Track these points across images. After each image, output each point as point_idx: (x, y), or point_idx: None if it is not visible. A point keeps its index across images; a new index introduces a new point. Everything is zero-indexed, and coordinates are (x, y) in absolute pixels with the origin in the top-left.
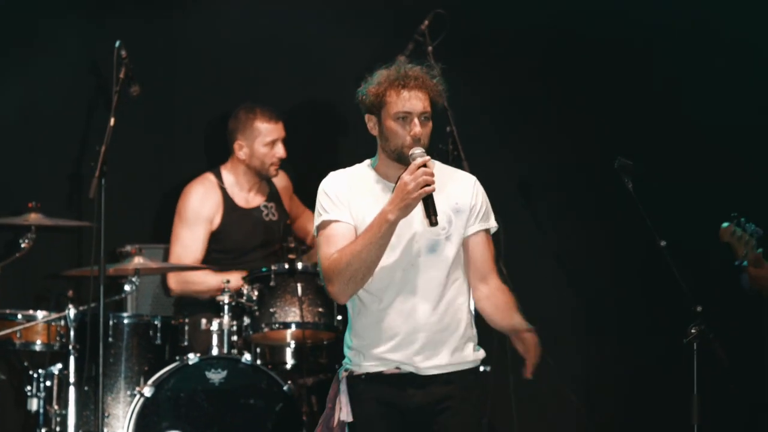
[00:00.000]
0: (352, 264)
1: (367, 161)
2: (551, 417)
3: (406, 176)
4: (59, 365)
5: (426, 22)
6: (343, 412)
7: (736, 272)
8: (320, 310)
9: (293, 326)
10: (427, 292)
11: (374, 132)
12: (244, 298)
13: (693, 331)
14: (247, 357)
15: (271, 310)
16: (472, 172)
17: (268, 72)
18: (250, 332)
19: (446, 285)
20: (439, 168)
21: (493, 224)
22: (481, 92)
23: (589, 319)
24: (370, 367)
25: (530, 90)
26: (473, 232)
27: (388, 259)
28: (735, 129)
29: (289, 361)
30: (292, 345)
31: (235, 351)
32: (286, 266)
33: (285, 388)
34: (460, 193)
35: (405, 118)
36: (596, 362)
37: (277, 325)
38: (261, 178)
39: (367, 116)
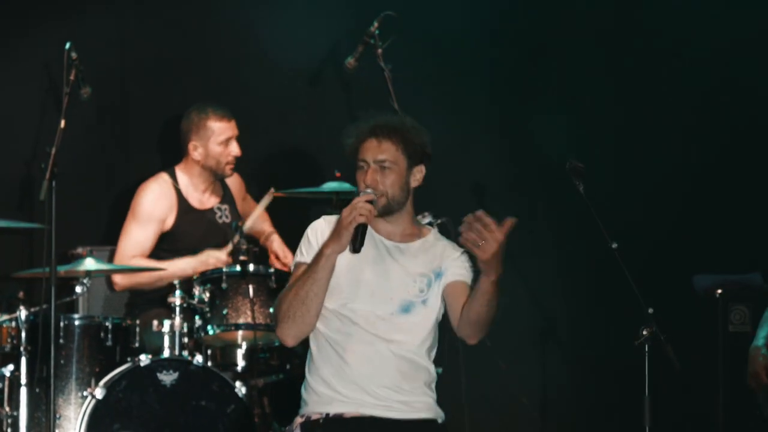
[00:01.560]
0: (291, 301)
1: None
2: (504, 420)
3: (344, 209)
4: (10, 367)
5: (376, 24)
6: None
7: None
8: (272, 311)
9: (245, 328)
10: (391, 348)
11: None
12: (196, 299)
13: (644, 333)
14: (198, 359)
15: (223, 311)
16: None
17: (220, 72)
18: (202, 333)
19: (414, 347)
20: (436, 236)
21: (470, 278)
22: (432, 94)
23: (541, 322)
24: (329, 409)
25: (482, 92)
26: (455, 279)
27: (359, 307)
28: (686, 129)
29: (241, 363)
30: (244, 346)
31: (186, 352)
32: (238, 268)
33: (236, 389)
34: (445, 257)
35: (362, 167)
36: (548, 365)
37: (228, 327)
38: (216, 178)
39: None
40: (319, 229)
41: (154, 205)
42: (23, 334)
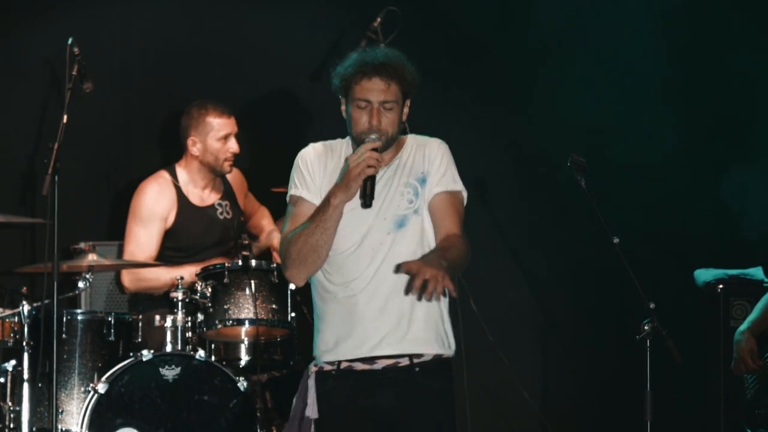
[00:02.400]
0: (300, 247)
1: (348, 138)
2: (505, 414)
3: (351, 158)
4: (13, 362)
5: (378, 19)
6: (309, 409)
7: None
8: (274, 306)
9: (247, 323)
10: (396, 271)
11: (344, 115)
12: (198, 294)
13: (646, 327)
14: (201, 353)
15: (225, 306)
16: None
17: (221, 69)
18: (204, 329)
19: (418, 256)
20: (411, 140)
21: (456, 187)
22: (435, 89)
23: (543, 316)
24: (339, 356)
25: (484, 86)
26: (432, 195)
27: (354, 239)
28: (687, 122)
29: (243, 358)
30: (246, 342)
31: (189, 347)
32: (240, 263)
33: (239, 384)
34: (424, 160)
35: (364, 106)
36: (550, 359)
37: (231, 322)
38: (215, 174)
39: (340, 98)
40: (309, 159)
41: (154, 203)
42: (26, 329)
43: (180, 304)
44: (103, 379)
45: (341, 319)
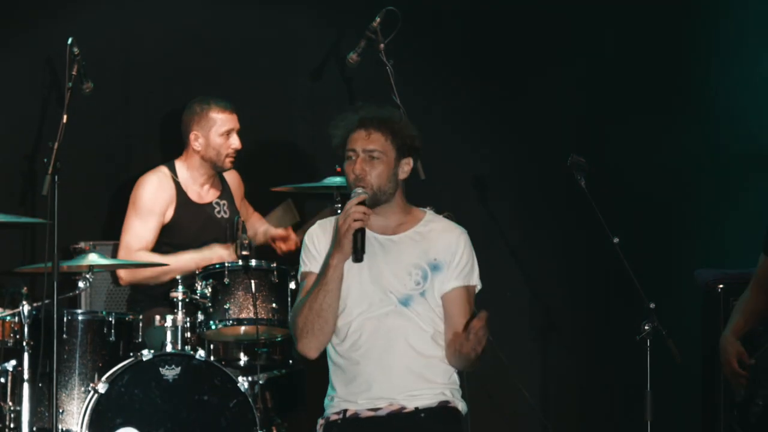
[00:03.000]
0: (306, 315)
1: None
2: (505, 414)
3: (341, 214)
4: (13, 362)
5: (378, 19)
6: None
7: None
8: (274, 306)
9: (247, 323)
10: (398, 341)
11: None
12: (198, 294)
13: (646, 327)
14: (201, 353)
15: (225, 306)
16: (425, 169)
17: (221, 67)
18: (204, 329)
19: (417, 337)
20: (429, 219)
21: (474, 282)
22: (434, 89)
23: (543, 316)
24: (345, 406)
25: (484, 86)
26: (449, 289)
27: (359, 307)
28: (687, 122)
29: (243, 358)
30: (246, 341)
31: (188, 347)
32: (240, 263)
33: (239, 384)
34: (442, 247)
35: (350, 157)
36: (550, 359)
37: (230, 322)
38: (216, 170)
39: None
40: (315, 236)
41: (153, 197)
42: (26, 329)
43: (180, 303)
44: (104, 379)
45: (347, 376)
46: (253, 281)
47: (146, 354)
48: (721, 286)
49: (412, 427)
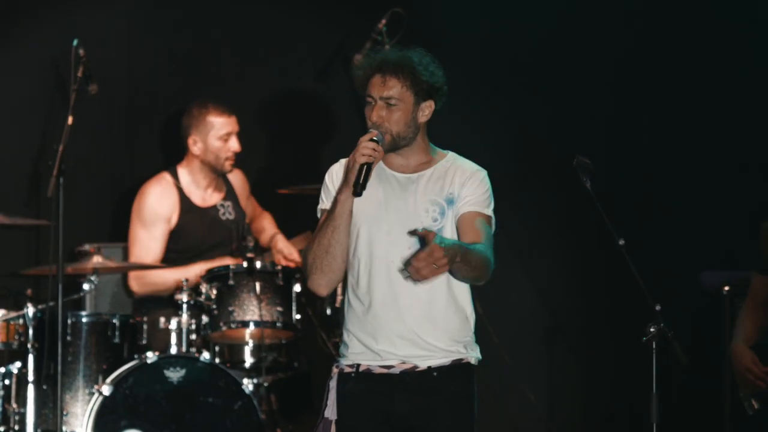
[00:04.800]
0: (315, 251)
1: None
2: (511, 417)
3: (353, 151)
4: (18, 363)
5: (384, 21)
6: (329, 410)
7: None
8: (279, 309)
9: (252, 325)
10: (415, 285)
11: None
12: (203, 296)
13: (652, 330)
14: (205, 356)
15: (230, 308)
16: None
17: (226, 71)
18: (209, 331)
19: (437, 282)
20: (451, 158)
21: (488, 212)
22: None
23: (548, 318)
24: (359, 360)
25: (489, 87)
26: (460, 213)
27: (376, 249)
28: (693, 124)
29: (248, 360)
30: (251, 344)
31: (193, 350)
32: (245, 265)
33: (243, 386)
34: (457, 182)
35: (369, 102)
36: (555, 361)
37: (235, 324)
38: (217, 174)
39: None
40: (335, 172)
41: (157, 205)
42: (30, 331)
43: (185, 305)
44: (108, 381)
45: (361, 327)
46: (257, 283)
47: (151, 356)
48: (726, 287)
49: (424, 385)
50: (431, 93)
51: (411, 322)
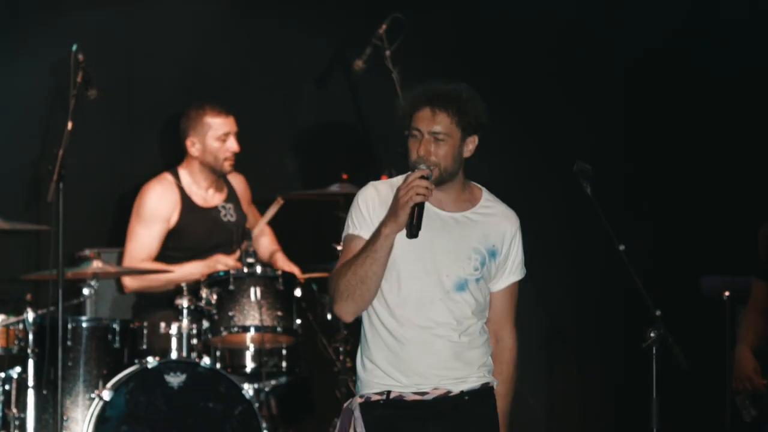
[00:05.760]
0: (350, 280)
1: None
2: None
3: (401, 186)
4: (18, 369)
5: (384, 26)
6: None
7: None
8: (279, 313)
9: (252, 330)
10: (448, 326)
11: None
12: (204, 301)
13: (652, 335)
14: (206, 360)
15: (230, 313)
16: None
17: (226, 75)
18: (209, 336)
19: (469, 321)
20: (487, 199)
21: (523, 273)
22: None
23: (548, 323)
24: (390, 387)
25: (489, 93)
26: (505, 285)
27: (413, 286)
28: (694, 130)
29: (249, 365)
30: (251, 349)
31: (194, 354)
32: (245, 270)
33: (244, 391)
34: (500, 236)
35: (416, 135)
36: (555, 365)
37: (236, 329)
38: (217, 175)
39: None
40: (370, 199)
41: (157, 204)
42: (30, 336)
43: (185, 310)
44: (108, 386)
45: (389, 360)
46: (258, 288)
47: (151, 361)
48: (727, 293)
49: (457, 409)
50: (477, 128)
51: (444, 360)
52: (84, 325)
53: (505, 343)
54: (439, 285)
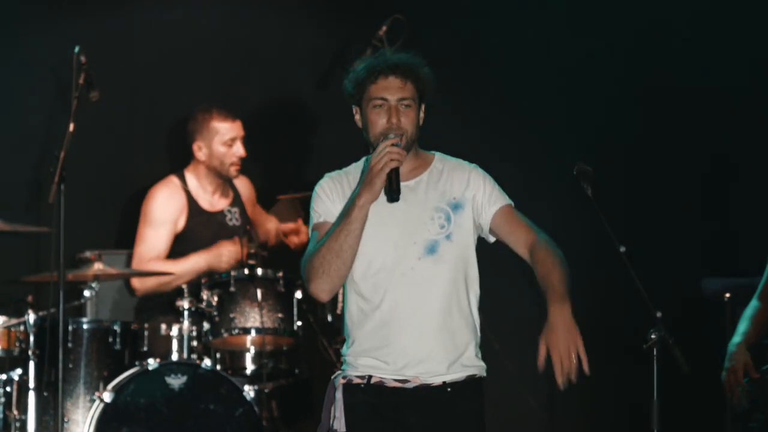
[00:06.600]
0: (324, 255)
1: (363, 159)
2: (511, 421)
3: (372, 156)
4: (19, 370)
5: (384, 27)
6: (337, 422)
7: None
8: (280, 315)
9: (253, 332)
10: (427, 297)
11: (359, 124)
12: (204, 303)
13: (653, 336)
14: (207, 362)
15: (231, 315)
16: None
17: (227, 77)
18: (210, 337)
19: (449, 287)
20: (440, 160)
21: (507, 200)
22: (440, 97)
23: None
24: (370, 372)
25: (490, 95)
26: (491, 215)
27: (384, 261)
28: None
29: (249, 367)
30: (252, 350)
31: (195, 356)
32: (246, 272)
33: (245, 393)
34: (457, 186)
35: (381, 105)
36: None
37: (236, 331)
38: (223, 179)
39: (354, 108)
40: (327, 187)
41: (164, 207)
42: (31, 338)
43: (186, 312)
44: (109, 387)
45: (373, 337)
46: (259, 290)
47: (152, 363)
48: (727, 295)
49: (438, 401)
50: (428, 94)
51: (425, 336)
52: (85, 326)
53: (535, 243)
54: (409, 254)
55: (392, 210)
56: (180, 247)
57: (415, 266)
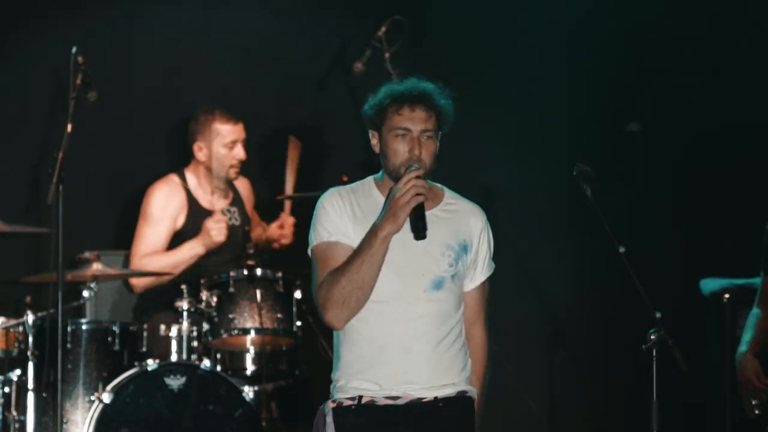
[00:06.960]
0: (345, 286)
1: (371, 178)
2: (510, 423)
3: (396, 187)
4: (18, 371)
5: (383, 28)
6: None
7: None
8: (279, 316)
9: (252, 332)
10: (427, 328)
11: (377, 149)
12: (203, 303)
13: (652, 337)
14: (206, 363)
15: (230, 316)
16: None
17: (227, 75)
18: (210, 338)
19: (449, 320)
20: (450, 196)
21: (492, 269)
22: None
23: (549, 325)
24: (362, 391)
25: (490, 96)
26: (474, 284)
27: (389, 289)
28: (694, 132)
29: (249, 367)
30: (252, 351)
31: (194, 357)
32: (245, 272)
33: (244, 394)
34: (470, 230)
35: (404, 135)
36: (555, 368)
37: (236, 331)
38: (222, 180)
39: (370, 132)
40: (336, 203)
41: (164, 205)
42: (30, 339)
43: (185, 313)
44: (108, 388)
45: (367, 361)
46: (258, 291)
47: (151, 364)
48: (727, 295)
49: (430, 415)
50: (446, 127)
51: (421, 365)
52: (84, 327)
53: (477, 341)
54: (416, 285)
55: (406, 238)
56: (179, 245)
57: (420, 297)
